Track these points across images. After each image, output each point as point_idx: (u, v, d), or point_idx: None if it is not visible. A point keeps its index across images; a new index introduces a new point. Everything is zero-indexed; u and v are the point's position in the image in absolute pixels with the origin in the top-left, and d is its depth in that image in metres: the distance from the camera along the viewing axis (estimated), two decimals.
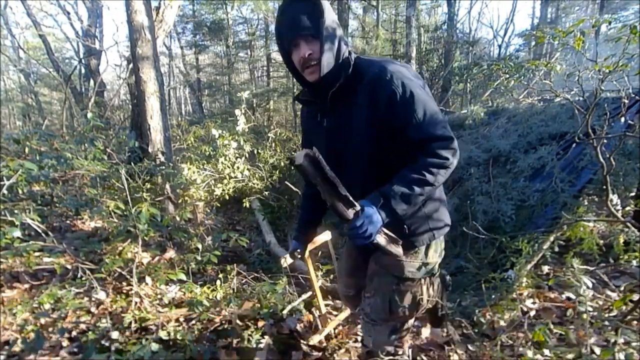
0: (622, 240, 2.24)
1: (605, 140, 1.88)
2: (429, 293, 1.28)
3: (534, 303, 2.11)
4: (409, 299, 1.24)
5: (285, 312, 2.10)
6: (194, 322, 2.09)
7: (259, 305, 2.13)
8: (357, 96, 1.10)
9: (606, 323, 1.56)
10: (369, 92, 1.07)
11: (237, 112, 4.74)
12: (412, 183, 1.04)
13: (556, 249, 2.27)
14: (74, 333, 1.99)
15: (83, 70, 9.73)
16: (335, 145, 1.16)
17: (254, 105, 11.59)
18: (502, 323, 1.94)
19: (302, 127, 1.46)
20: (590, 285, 1.79)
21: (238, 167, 4.46)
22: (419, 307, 1.27)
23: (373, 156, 1.12)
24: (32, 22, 9.16)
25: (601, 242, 2.30)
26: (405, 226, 1.16)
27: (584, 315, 1.70)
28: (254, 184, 4.57)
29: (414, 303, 1.25)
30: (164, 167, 3.29)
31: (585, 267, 2.03)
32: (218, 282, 2.36)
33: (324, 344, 1.94)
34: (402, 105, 1.05)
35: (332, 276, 2.59)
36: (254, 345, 1.89)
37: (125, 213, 2.42)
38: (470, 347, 1.82)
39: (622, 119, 2.60)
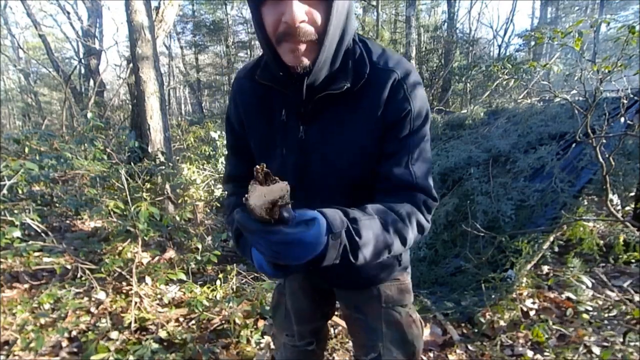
0: (622, 240, 2.25)
1: (604, 140, 1.88)
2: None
3: (534, 303, 2.11)
4: (419, 331, 0.97)
5: None
6: (194, 322, 2.09)
7: (259, 304, 2.13)
8: (363, 101, 0.73)
9: (606, 323, 1.56)
10: (385, 100, 0.73)
11: None
12: (392, 227, 0.67)
13: (556, 249, 2.28)
14: (74, 333, 1.99)
15: (83, 70, 9.73)
16: (309, 166, 0.77)
17: None
18: (502, 323, 1.94)
19: (235, 123, 0.87)
20: (590, 285, 1.80)
21: None
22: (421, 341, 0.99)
23: (355, 185, 0.80)
24: (32, 22, 9.15)
25: (601, 242, 2.30)
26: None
27: (584, 315, 1.71)
28: None
29: (421, 337, 0.98)
30: (164, 167, 3.29)
31: (585, 267, 2.04)
32: (218, 282, 2.36)
33: None
34: (406, 131, 0.74)
35: None
36: (254, 345, 1.89)
37: (125, 213, 2.42)
38: (470, 347, 1.82)
39: (622, 119, 2.60)
